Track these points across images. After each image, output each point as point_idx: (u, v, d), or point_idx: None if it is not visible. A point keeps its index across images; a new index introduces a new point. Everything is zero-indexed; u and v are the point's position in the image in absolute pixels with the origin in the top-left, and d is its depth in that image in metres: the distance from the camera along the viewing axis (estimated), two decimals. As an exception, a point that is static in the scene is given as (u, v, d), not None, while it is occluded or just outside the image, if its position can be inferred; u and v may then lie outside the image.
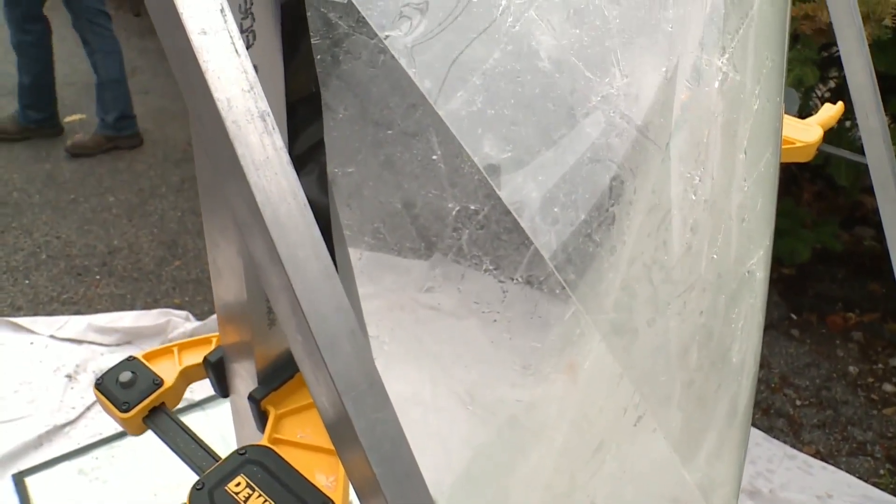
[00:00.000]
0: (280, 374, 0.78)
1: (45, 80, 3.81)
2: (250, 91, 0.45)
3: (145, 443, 0.89)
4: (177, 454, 0.79)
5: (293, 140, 0.65)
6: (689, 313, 0.77)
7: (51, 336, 2.46)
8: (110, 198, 3.41)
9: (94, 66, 3.78)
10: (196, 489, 0.66)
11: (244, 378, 0.80)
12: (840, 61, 1.17)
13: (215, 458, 0.78)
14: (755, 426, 2.33)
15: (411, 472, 0.48)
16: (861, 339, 2.76)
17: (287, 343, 0.67)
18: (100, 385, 0.83)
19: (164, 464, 1.30)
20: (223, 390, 0.86)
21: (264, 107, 0.45)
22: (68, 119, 4.05)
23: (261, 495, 0.66)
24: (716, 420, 0.88)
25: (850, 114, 1.20)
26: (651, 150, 0.67)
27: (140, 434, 0.84)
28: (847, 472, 2.22)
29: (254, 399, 0.78)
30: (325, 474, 0.71)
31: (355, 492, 0.50)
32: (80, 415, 2.20)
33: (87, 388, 2.28)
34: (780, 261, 2.80)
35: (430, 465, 0.57)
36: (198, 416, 2.12)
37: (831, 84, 2.77)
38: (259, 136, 0.45)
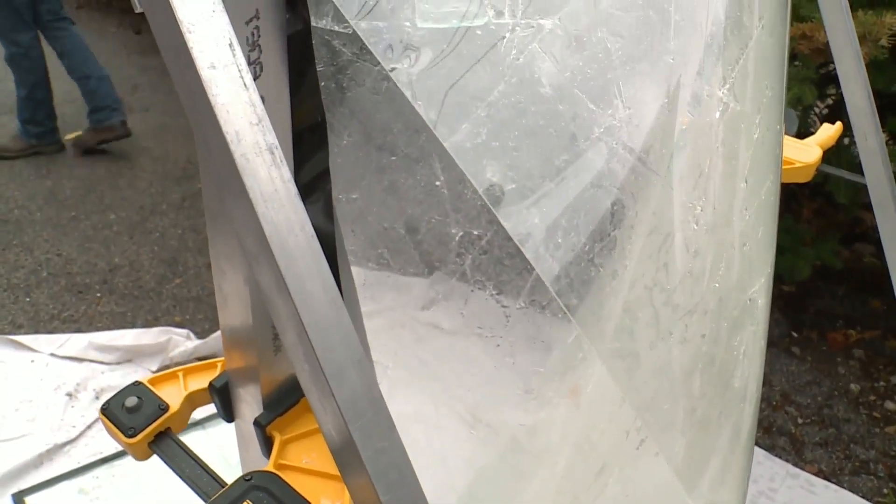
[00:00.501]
0: (285, 400, 0.79)
1: (41, 91, 3.82)
2: (258, 124, 0.46)
3: (146, 462, 0.89)
4: (182, 479, 0.79)
5: (299, 169, 0.66)
6: (690, 337, 0.78)
7: (51, 354, 2.45)
8: (111, 215, 3.41)
9: (70, 69, 3.86)
10: (202, 515, 0.67)
11: (249, 403, 0.80)
12: (838, 78, 1.18)
13: (221, 483, 0.78)
14: (756, 444, 2.32)
15: (417, 500, 0.48)
16: (862, 357, 2.76)
17: (292, 369, 0.68)
18: (106, 410, 0.84)
19: (165, 484, 1.29)
20: (228, 415, 0.86)
21: (272, 140, 0.46)
22: (69, 136, 4.06)
23: (266, 521, 0.66)
24: (719, 445, 0.88)
25: (849, 131, 1.21)
26: (653, 179, 0.67)
27: (146, 459, 0.84)
28: (850, 490, 2.21)
29: (259, 424, 0.78)
30: (331, 500, 0.71)
31: (361, 519, 0.50)
32: (81, 433, 2.19)
33: (87, 406, 2.28)
34: (780, 278, 2.80)
35: (433, 486, 0.57)
36: (198, 435, 2.12)
37: (829, 101, 2.78)
38: (267, 169, 0.46)
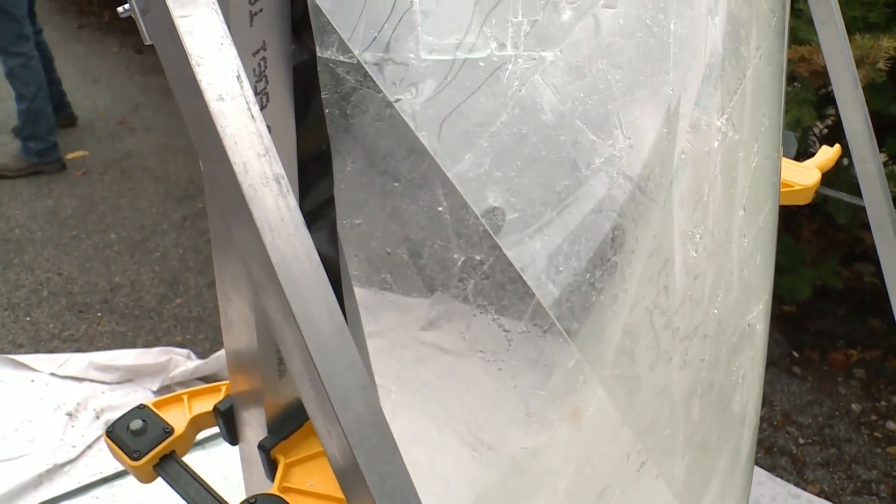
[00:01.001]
0: (289, 423, 0.79)
1: (41, 104, 3.85)
2: (265, 155, 0.47)
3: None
4: (187, 502, 0.79)
5: (304, 196, 0.67)
6: (690, 360, 0.79)
7: (52, 374, 2.45)
8: (112, 235, 3.42)
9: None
10: (207, 538, 0.67)
11: (254, 427, 0.81)
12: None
13: (226, 506, 0.78)
14: (758, 464, 2.32)
15: (421, 524, 0.49)
16: (863, 377, 2.76)
17: (297, 393, 0.68)
18: (111, 433, 0.84)
19: (166, 505, 1.30)
20: (233, 438, 0.87)
21: (279, 170, 0.47)
22: (71, 156, 4.08)
23: (271, 544, 0.66)
24: (718, 469, 0.88)
25: (848, 152, 1.22)
26: (652, 208, 0.68)
27: (150, 482, 0.84)
28: (852, 511, 2.21)
29: (263, 448, 0.78)
30: (335, 523, 0.71)
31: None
32: (81, 453, 2.19)
33: (87, 426, 2.27)
34: (780, 298, 2.80)
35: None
36: (199, 455, 2.11)
37: (829, 121, 2.80)
38: (274, 199, 0.47)
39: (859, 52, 1.87)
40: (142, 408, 0.87)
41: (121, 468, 0.86)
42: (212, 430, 0.89)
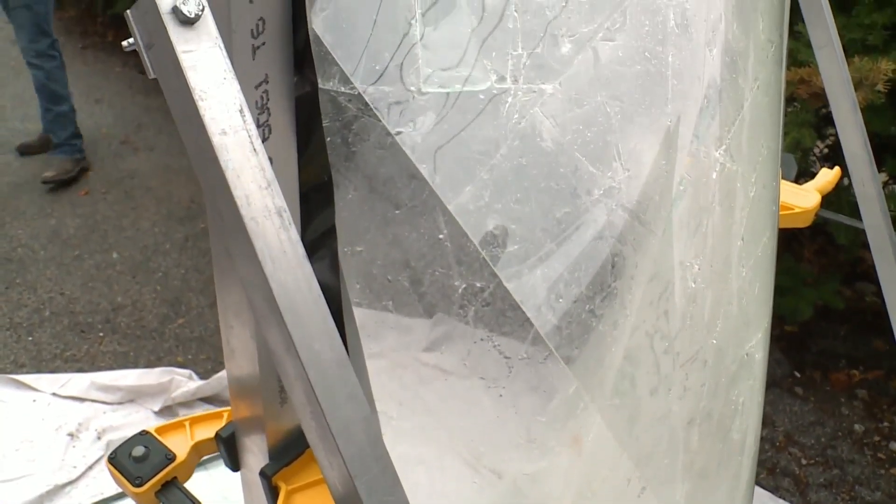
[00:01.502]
0: (291, 450, 0.79)
1: (67, 104, 4.05)
2: (267, 188, 0.47)
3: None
4: (189, 529, 0.79)
5: (305, 227, 0.67)
6: (690, 387, 0.79)
7: (53, 394, 2.45)
8: (114, 254, 3.43)
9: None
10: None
11: (255, 453, 0.81)
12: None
13: (226, 534, 0.78)
14: (760, 485, 2.31)
15: (422, 555, 0.49)
16: (866, 397, 2.75)
17: (298, 420, 0.68)
18: (113, 459, 0.84)
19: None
20: (234, 465, 0.87)
21: (281, 203, 0.48)
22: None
23: (272, 572, 0.66)
24: (718, 497, 0.88)
25: (847, 173, 1.23)
26: (651, 240, 0.69)
27: (152, 508, 0.84)
28: (855, 533, 2.20)
29: (265, 475, 0.79)
30: (335, 551, 0.71)
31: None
32: (82, 474, 2.18)
33: (89, 446, 2.27)
34: (782, 318, 2.80)
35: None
36: (201, 476, 2.10)
37: (829, 141, 2.80)
38: (276, 232, 0.47)
39: (858, 74, 1.88)
40: (144, 434, 0.87)
41: (122, 489, 0.86)
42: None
